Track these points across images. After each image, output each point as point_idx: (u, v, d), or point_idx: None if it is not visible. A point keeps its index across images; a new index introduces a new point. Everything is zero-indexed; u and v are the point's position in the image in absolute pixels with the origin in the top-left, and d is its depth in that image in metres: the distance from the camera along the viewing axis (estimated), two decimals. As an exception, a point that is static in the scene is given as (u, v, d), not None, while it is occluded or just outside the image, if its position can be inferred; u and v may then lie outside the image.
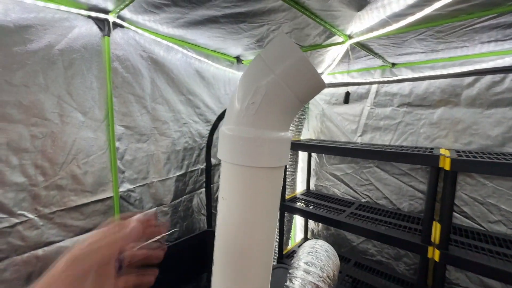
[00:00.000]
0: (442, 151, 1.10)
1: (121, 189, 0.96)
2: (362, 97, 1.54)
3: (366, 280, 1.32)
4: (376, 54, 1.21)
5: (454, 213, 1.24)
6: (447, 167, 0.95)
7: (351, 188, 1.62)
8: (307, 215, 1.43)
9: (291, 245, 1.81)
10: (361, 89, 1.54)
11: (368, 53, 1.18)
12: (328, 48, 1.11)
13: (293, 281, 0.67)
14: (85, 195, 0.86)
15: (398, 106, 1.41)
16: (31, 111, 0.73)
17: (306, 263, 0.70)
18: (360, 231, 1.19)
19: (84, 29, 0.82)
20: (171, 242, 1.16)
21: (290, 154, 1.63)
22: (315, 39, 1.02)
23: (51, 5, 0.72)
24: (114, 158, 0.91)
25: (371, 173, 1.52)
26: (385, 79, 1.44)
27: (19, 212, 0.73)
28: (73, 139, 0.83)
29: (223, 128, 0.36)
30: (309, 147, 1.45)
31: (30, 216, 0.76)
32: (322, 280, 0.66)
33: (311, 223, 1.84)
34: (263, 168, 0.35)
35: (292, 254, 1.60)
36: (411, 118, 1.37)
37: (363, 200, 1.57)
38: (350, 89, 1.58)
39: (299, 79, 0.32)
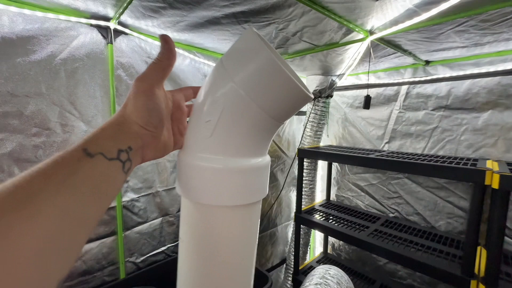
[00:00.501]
0: (488, 163, 0.92)
1: (124, 199, 0.94)
2: (390, 99, 1.38)
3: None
4: (405, 51, 1.06)
5: (506, 238, 1.03)
6: (495, 184, 0.78)
7: (376, 200, 1.45)
8: (325, 230, 1.31)
9: (309, 258, 1.68)
10: (389, 90, 1.38)
11: (395, 50, 1.03)
12: (347, 47, 0.99)
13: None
14: (88, 205, 0.85)
15: (433, 110, 1.23)
16: (33, 121, 0.73)
17: (311, 298, 0.59)
18: (386, 254, 1.04)
19: (88, 38, 0.81)
20: (177, 253, 1.12)
21: (308, 162, 1.51)
22: (331, 37, 0.91)
23: (51, 15, 0.71)
24: (117, 167, 0.89)
25: (401, 185, 1.34)
26: (417, 79, 1.26)
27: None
28: (76, 149, 0.82)
29: (179, 152, 0.29)
30: (329, 155, 1.32)
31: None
32: (330, 322, 0.55)
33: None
34: (226, 207, 0.27)
35: (309, 270, 1.48)
36: (450, 123, 1.18)
37: (391, 215, 1.39)
38: (376, 91, 1.42)
39: (266, 89, 0.24)
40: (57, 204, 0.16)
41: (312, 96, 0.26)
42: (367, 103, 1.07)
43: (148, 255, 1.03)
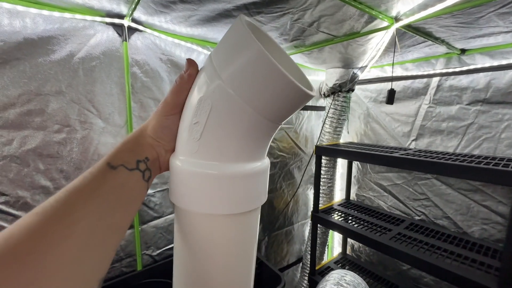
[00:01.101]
0: (535, 165, 0.80)
1: (141, 194, 0.96)
2: (419, 93, 1.27)
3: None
4: (437, 39, 0.96)
5: (553, 250, 0.90)
6: (543, 190, 0.68)
7: (401, 202, 1.36)
8: (343, 231, 1.25)
9: (327, 258, 1.63)
10: (417, 83, 1.27)
11: (425, 39, 0.93)
12: (370, 36, 0.91)
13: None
14: (106, 199, 0.89)
15: (468, 104, 1.11)
16: (54, 118, 0.76)
17: (323, 306, 0.56)
18: (410, 260, 0.97)
19: (104, 36, 0.82)
20: (192, 248, 1.13)
21: (327, 159, 1.45)
22: (352, 26, 0.84)
23: (67, 15, 0.73)
24: (133, 163, 0.91)
25: (428, 186, 1.24)
26: (451, 70, 1.14)
27: (46, 213, 0.78)
28: (94, 145, 0.85)
29: (170, 156, 0.28)
30: (348, 153, 1.25)
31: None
32: (342, 334, 0.52)
33: (351, 237, 1.63)
34: (221, 215, 0.25)
35: (325, 270, 1.44)
36: (488, 119, 1.06)
37: (417, 217, 1.30)
38: (403, 84, 1.31)
39: (256, 87, 0.21)
40: (89, 213, 0.19)
41: (314, 94, 0.23)
42: (391, 97, 0.99)
43: (164, 248, 1.05)
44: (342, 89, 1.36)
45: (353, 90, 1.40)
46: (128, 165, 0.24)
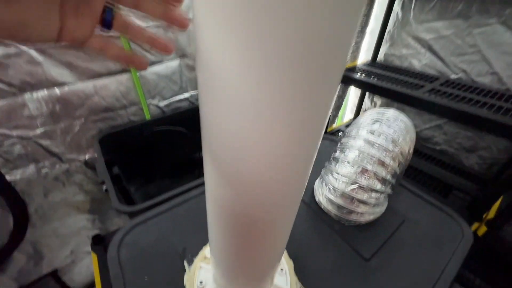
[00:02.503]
0: None
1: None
2: None
3: (422, 167, 1.14)
4: None
5: None
6: None
7: (439, 58, 1.16)
8: (367, 87, 1.13)
9: (337, 124, 1.62)
10: None
11: None
12: None
13: (345, 152, 0.48)
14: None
15: None
16: None
17: (370, 132, 0.47)
18: (446, 112, 0.88)
19: None
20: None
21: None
22: None
23: None
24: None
25: (486, 35, 1.00)
26: None
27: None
28: None
29: None
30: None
31: (23, 48, 0.62)
32: (392, 157, 0.45)
33: (367, 102, 1.55)
34: None
35: (337, 132, 1.44)
36: None
37: (453, 76, 1.14)
38: None
39: None
40: None
41: None
42: None
43: (171, 100, 0.95)
44: None
45: None
46: None
